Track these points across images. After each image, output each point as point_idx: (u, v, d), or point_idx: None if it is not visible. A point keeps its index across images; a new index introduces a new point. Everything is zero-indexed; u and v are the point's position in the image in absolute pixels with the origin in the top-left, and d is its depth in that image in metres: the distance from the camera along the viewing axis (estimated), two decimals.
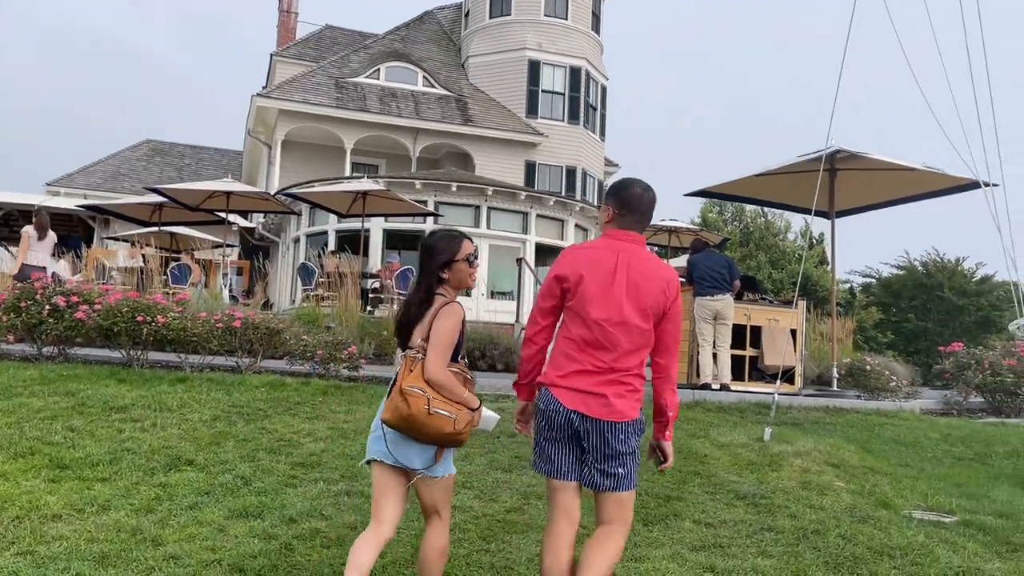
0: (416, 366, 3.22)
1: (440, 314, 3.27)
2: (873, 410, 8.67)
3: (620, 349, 3.20)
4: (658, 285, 3.25)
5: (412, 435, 3.19)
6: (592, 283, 3.21)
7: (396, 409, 3.16)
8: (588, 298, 3.21)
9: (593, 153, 27.31)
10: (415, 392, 3.15)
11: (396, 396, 3.17)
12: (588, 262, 3.26)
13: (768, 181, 9.86)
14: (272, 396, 7.34)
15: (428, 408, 3.13)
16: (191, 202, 16.82)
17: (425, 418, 3.13)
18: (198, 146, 37.65)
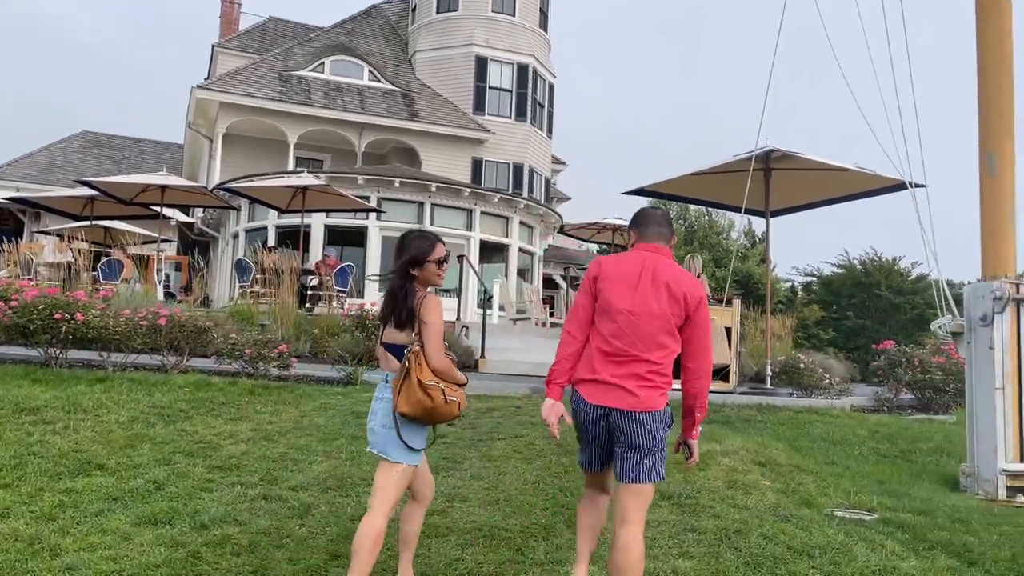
0: (422, 360, 3.47)
1: (426, 309, 3.53)
2: (805, 408, 8.76)
3: (645, 339, 3.43)
4: (681, 290, 3.48)
5: (429, 422, 3.56)
6: (620, 281, 3.52)
7: (419, 403, 3.44)
8: (615, 292, 3.49)
9: (540, 150, 27.30)
10: (432, 385, 3.45)
11: (417, 390, 3.43)
12: (617, 263, 3.60)
13: (705, 180, 9.92)
14: (196, 396, 7.11)
15: (445, 398, 3.47)
16: (125, 196, 16.34)
17: (444, 407, 3.48)
18: (138, 138, 36.64)
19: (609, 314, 3.48)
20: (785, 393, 9.91)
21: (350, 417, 6.73)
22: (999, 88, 5.94)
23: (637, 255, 3.61)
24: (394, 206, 18.70)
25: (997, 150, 6.04)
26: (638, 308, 3.46)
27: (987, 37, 6.07)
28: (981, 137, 6.09)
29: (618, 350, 3.43)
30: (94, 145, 35.22)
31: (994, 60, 5.95)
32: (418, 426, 3.56)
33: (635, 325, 3.44)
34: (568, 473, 5.63)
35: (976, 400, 5.99)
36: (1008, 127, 6.02)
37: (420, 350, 3.49)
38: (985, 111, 6.02)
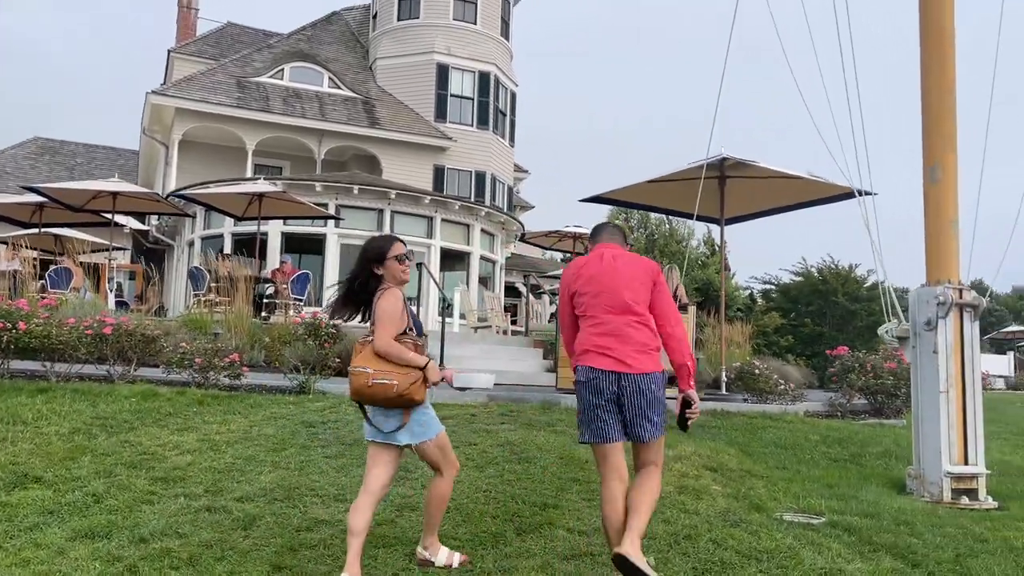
0: (365, 348, 3.84)
1: (380, 297, 3.88)
2: (759, 413, 8.83)
3: (623, 300, 3.93)
4: (641, 266, 4.07)
5: (367, 403, 3.86)
6: (587, 269, 4.06)
7: (351, 385, 3.82)
8: (591, 280, 4.01)
9: (503, 158, 27.31)
10: (357, 371, 3.79)
11: (350, 374, 3.82)
12: (583, 263, 4.13)
13: (661, 187, 9.98)
14: (142, 407, 6.95)
15: (368, 381, 3.74)
16: (75, 202, 16.00)
17: (367, 389, 3.76)
18: (91, 145, 35.92)
19: (591, 298, 4.00)
20: (740, 399, 9.99)
21: (300, 427, 6.62)
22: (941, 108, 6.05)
23: (598, 251, 4.18)
24: (353, 213, 18.54)
25: (940, 161, 6.15)
26: (614, 280, 3.98)
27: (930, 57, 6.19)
28: (925, 152, 6.20)
29: (608, 323, 3.92)
30: (46, 151, 34.45)
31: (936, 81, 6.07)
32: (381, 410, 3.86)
33: (615, 294, 3.94)
34: (521, 480, 5.60)
35: (921, 403, 6.07)
36: (951, 142, 6.13)
37: (370, 340, 3.83)
38: (928, 128, 6.13)
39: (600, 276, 4.01)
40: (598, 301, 3.98)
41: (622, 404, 3.85)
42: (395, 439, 3.91)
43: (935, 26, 6.09)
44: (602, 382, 3.84)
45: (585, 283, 4.03)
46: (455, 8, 26.76)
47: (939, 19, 6.06)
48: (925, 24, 6.16)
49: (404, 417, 3.86)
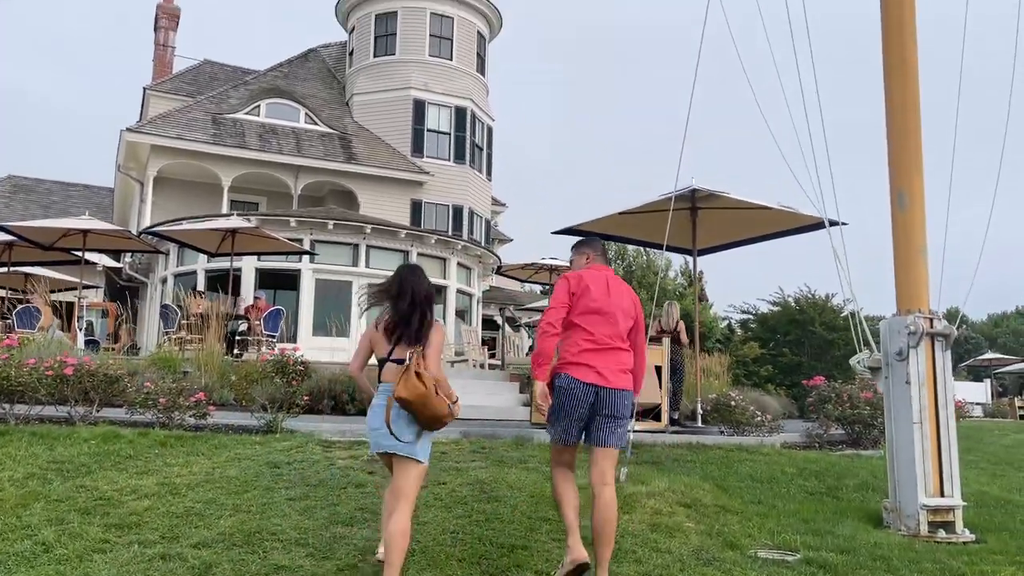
0: (421, 361, 4.14)
1: (436, 329, 4.33)
2: (735, 446, 8.74)
3: (618, 330, 4.50)
4: (631, 299, 4.69)
5: (421, 411, 4.08)
6: (594, 288, 4.54)
7: (415, 387, 4.03)
8: (593, 296, 4.50)
9: (480, 192, 27.35)
10: (428, 375, 4.09)
11: (413, 378, 4.04)
12: (588, 277, 4.60)
13: (633, 218, 9.95)
14: (101, 450, 6.74)
15: (436, 391, 4.09)
16: (45, 240, 15.77)
17: (433, 398, 4.06)
18: (66, 183, 35.61)
19: (589, 312, 4.49)
20: (716, 431, 9.88)
21: (265, 468, 6.44)
22: (905, 129, 6.07)
23: (600, 271, 4.71)
24: (329, 248, 18.42)
25: (907, 187, 6.15)
26: (613, 306, 4.53)
27: (892, 77, 6.22)
28: (891, 175, 6.20)
29: (600, 344, 4.43)
30: (19, 190, 34.11)
31: (899, 101, 6.09)
32: (407, 419, 4.13)
33: (611, 317, 4.49)
34: (490, 521, 5.45)
35: (895, 435, 6.00)
36: (917, 164, 6.14)
37: (422, 355, 4.19)
38: (893, 151, 6.14)
39: (603, 300, 4.53)
40: (596, 321, 4.48)
41: (594, 413, 4.39)
42: (410, 450, 4.19)
43: (896, 44, 6.12)
44: (580, 392, 4.34)
45: (590, 300, 4.51)
46: (431, 45, 26.95)
47: (900, 37, 6.10)
48: (887, 42, 6.19)
49: (421, 435, 4.23)
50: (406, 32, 26.91)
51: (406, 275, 4.47)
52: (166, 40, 32.19)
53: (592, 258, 4.80)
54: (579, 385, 4.34)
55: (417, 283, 4.41)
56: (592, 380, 4.34)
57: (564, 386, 4.38)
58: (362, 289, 17.12)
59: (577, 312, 4.49)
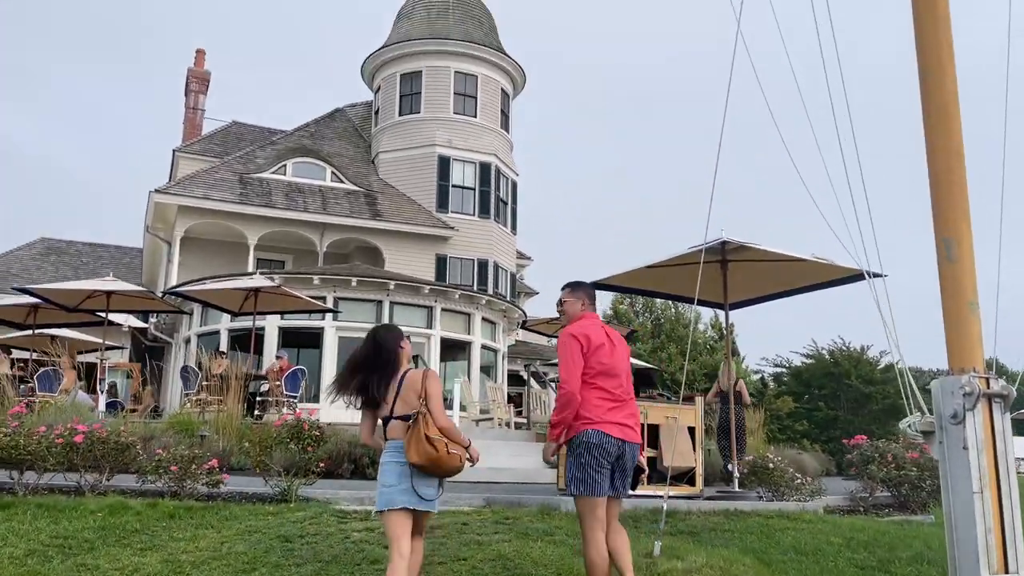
0: (429, 420, 4.25)
1: (429, 379, 4.42)
2: (775, 512, 8.22)
3: (625, 385, 4.76)
4: (626, 349, 4.92)
5: (435, 471, 4.27)
6: (599, 344, 4.70)
7: (426, 453, 4.19)
8: (602, 353, 4.68)
9: (505, 246, 27.23)
10: (438, 439, 4.22)
11: (424, 443, 4.20)
12: (592, 333, 4.73)
13: (661, 272, 9.63)
14: (107, 523, 6.44)
15: (448, 449, 4.24)
16: (69, 303, 15.75)
17: (447, 457, 4.23)
18: (97, 244, 36.07)
19: (600, 371, 4.65)
20: (754, 496, 9.34)
21: (275, 542, 6.08)
22: (949, 174, 5.72)
23: (597, 323, 4.87)
24: (352, 305, 18.25)
25: (955, 236, 5.77)
26: (618, 364, 4.76)
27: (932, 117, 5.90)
28: (936, 223, 5.83)
29: (616, 398, 4.66)
30: (51, 252, 34.58)
31: (942, 143, 5.76)
32: (426, 477, 4.27)
33: (618, 375, 4.73)
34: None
35: (954, 506, 5.51)
36: (964, 210, 5.77)
37: (427, 413, 4.28)
38: (937, 195, 5.79)
39: (611, 357, 4.73)
40: (610, 378, 4.69)
41: (617, 466, 4.64)
42: (432, 506, 4.37)
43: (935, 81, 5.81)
44: (612, 448, 4.57)
45: (601, 358, 4.68)
46: (455, 102, 27.18)
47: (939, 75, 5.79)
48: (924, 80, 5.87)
49: (441, 486, 4.40)
50: (431, 91, 27.19)
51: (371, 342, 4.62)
52: (196, 103, 32.82)
53: (586, 304, 4.92)
54: (611, 441, 4.58)
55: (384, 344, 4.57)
56: (619, 435, 4.62)
57: (597, 443, 4.58)
58: None
59: (591, 373, 4.66)
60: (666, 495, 7.32)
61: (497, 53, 28.05)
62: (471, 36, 27.94)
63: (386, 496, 4.30)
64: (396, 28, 29.13)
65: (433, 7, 28.85)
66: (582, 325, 4.77)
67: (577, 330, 4.74)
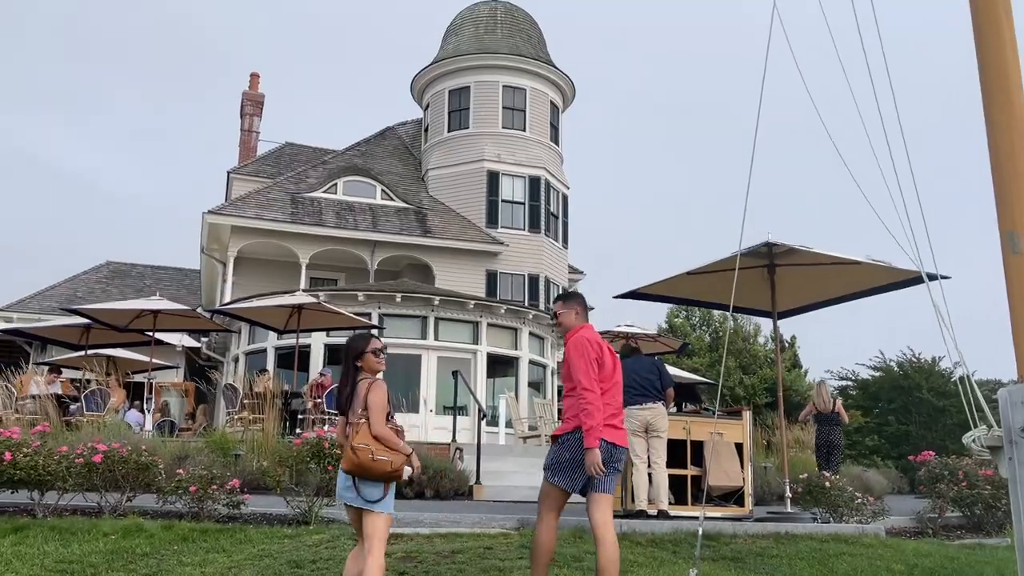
0: (361, 429, 4.54)
1: (372, 389, 4.63)
2: (831, 535, 7.59)
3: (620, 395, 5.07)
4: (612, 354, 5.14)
5: (364, 476, 4.53)
6: (605, 356, 4.98)
7: (350, 459, 4.52)
8: (607, 365, 4.96)
9: (556, 261, 26.83)
10: (361, 447, 4.49)
11: (348, 451, 4.53)
12: (598, 343, 5.00)
13: (703, 279, 9.07)
14: (118, 547, 6.21)
15: (372, 456, 4.48)
16: (118, 322, 15.90)
17: (370, 463, 4.48)
18: (158, 266, 36.88)
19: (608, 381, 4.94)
20: (809, 517, 8.68)
21: (285, 567, 5.77)
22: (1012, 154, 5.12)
23: (594, 334, 5.10)
24: (396, 322, 18.07)
25: (1021, 228, 5.16)
26: (616, 376, 5.05)
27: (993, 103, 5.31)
28: (999, 214, 5.23)
29: (616, 406, 4.99)
30: (116, 275, 35.48)
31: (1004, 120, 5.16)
32: (368, 482, 4.54)
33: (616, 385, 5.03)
34: None
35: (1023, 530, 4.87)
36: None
37: (364, 422, 4.56)
38: (999, 181, 5.19)
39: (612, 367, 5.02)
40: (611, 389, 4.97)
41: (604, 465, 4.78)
42: (376, 507, 4.58)
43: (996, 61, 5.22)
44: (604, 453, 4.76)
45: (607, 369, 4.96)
46: (504, 117, 26.98)
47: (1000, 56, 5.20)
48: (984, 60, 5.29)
49: (385, 488, 4.59)
50: (479, 106, 27.06)
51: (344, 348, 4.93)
52: (251, 126, 33.32)
53: (579, 314, 5.17)
54: (606, 446, 4.82)
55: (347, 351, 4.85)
56: (613, 440, 4.89)
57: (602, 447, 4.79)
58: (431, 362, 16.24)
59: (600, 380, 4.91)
60: (702, 516, 6.79)
61: (545, 65, 27.78)
62: (519, 49, 27.75)
63: (337, 492, 4.77)
64: (444, 45, 29.15)
65: (481, 22, 28.78)
66: (591, 339, 5.00)
67: (591, 336, 5.01)
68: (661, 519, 7.72)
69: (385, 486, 4.60)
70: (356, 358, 4.75)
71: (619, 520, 7.38)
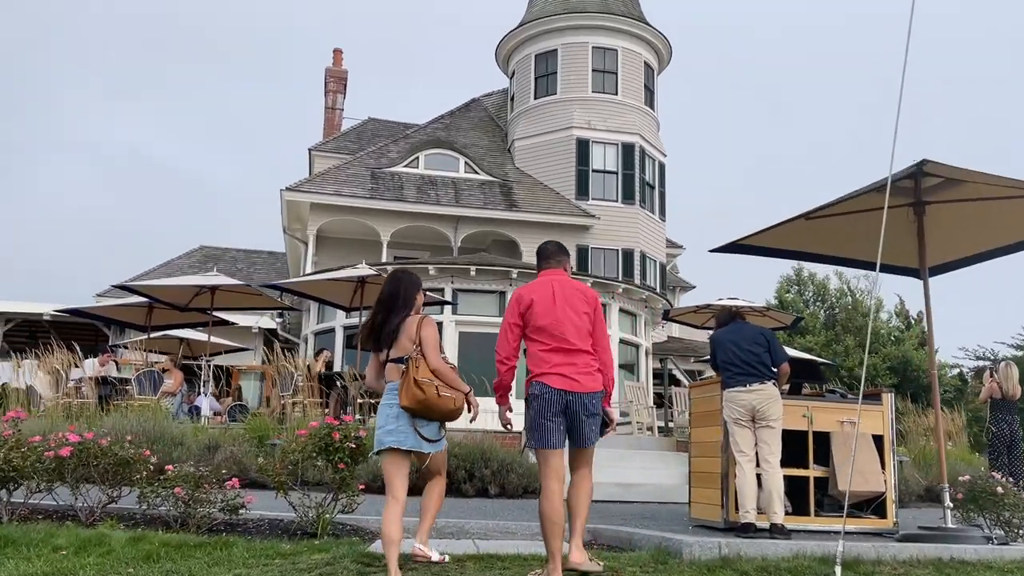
0: (421, 364, 4.48)
1: (424, 324, 4.67)
2: (1013, 564, 5.53)
3: (570, 337, 4.75)
4: (580, 296, 4.92)
5: (425, 414, 4.45)
6: (540, 303, 4.81)
7: (414, 395, 4.41)
8: (540, 312, 4.79)
9: (652, 234, 24.83)
10: (426, 381, 4.44)
11: (412, 386, 4.41)
12: (534, 291, 4.87)
13: (826, 227, 7.02)
14: (60, 568, 4.84)
15: (438, 392, 4.45)
16: (177, 301, 15.01)
17: (436, 400, 4.43)
18: (251, 250, 36.76)
19: (540, 328, 4.75)
20: (979, 535, 6.51)
21: None
22: None
23: (545, 280, 4.97)
24: (470, 297, 16.56)
25: None
26: (560, 317, 4.77)
27: None
28: None
29: (562, 350, 4.70)
30: (209, 259, 35.47)
31: None
32: (424, 420, 4.46)
33: (561, 328, 4.74)
34: None
35: None
36: None
37: (419, 357, 4.51)
38: None
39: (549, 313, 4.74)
40: (549, 334, 4.72)
41: (570, 416, 4.64)
42: (437, 447, 4.50)
43: None
44: (554, 397, 4.60)
45: (536, 317, 4.75)
46: (594, 80, 25.16)
47: None
48: None
49: (442, 428, 4.55)
50: (567, 69, 25.34)
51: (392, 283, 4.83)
52: (335, 103, 32.57)
53: (542, 269, 5.03)
54: (552, 392, 4.59)
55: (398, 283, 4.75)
56: (561, 386, 4.61)
57: (538, 394, 4.63)
58: None
59: (533, 328, 4.74)
60: (843, 532, 4.91)
61: (638, 23, 25.71)
62: (609, 7, 25.78)
63: (377, 438, 4.49)
64: (530, 7, 27.50)
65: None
66: (528, 286, 4.89)
67: (519, 291, 4.89)
68: (775, 536, 5.84)
69: (441, 427, 4.52)
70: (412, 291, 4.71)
71: (719, 538, 5.55)
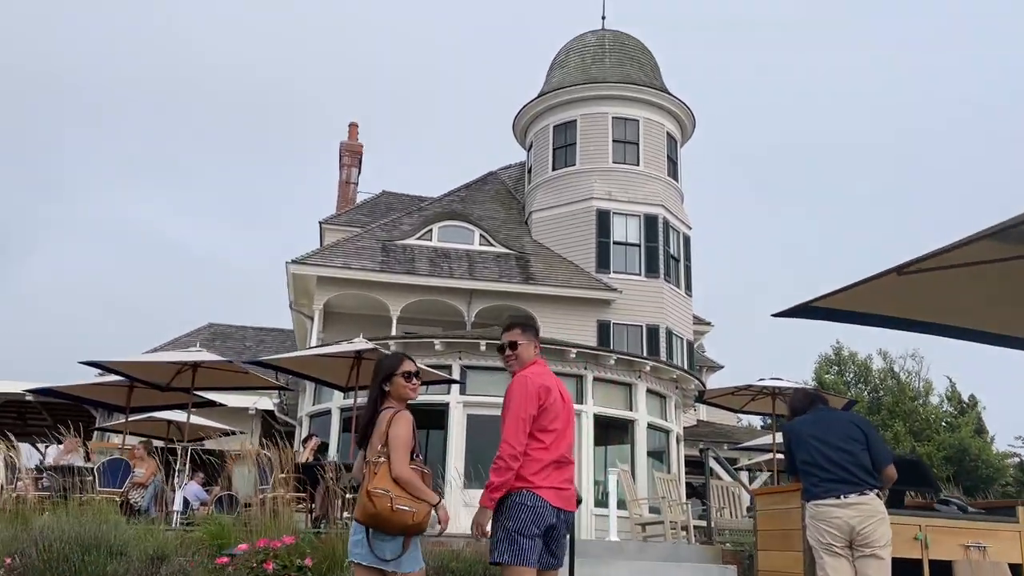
0: (380, 469, 4.02)
1: (394, 421, 4.14)
2: None
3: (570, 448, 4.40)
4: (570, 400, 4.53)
5: (380, 528, 4.00)
6: (555, 398, 4.33)
7: (363, 508, 4.00)
8: (557, 408, 4.31)
9: (678, 309, 23.34)
10: (379, 493, 3.96)
11: (363, 497, 3.99)
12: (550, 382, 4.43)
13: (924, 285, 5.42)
14: None
15: (391, 506, 3.95)
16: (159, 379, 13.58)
17: (389, 514, 3.95)
18: (260, 327, 35.64)
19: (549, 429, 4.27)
20: None
21: None
22: None
23: (547, 372, 4.53)
24: (480, 376, 15.02)
25: None
26: (568, 419, 4.40)
27: None
28: None
29: (560, 460, 4.30)
30: (218, 337, 34.33)
31: None
32: (384, 536, 3.98)
33: (567, 436, 4.36)
34: None
35: None
36: None
37: (384, 461, 4.02)
38: None
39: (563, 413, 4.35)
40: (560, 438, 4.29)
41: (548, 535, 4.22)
42: (397, 566, 4.02)
43: None
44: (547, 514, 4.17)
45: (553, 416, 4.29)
46: (614, 151, 24.22)
47: None
48: None
49: (406, 544, 4.04)
50: (586, 140, 24.46)
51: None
52: (349, 177, 31.82)
53: (538, 348, 4.59)
54: (547, 507, 4.21)
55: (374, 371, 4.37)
56: (557, 503, 4.28)
57: (531, 506, 4.19)
58: None
59: (539, 427, 4.27)
60: None
61: (659, 93, 24.87)
62: (629, 77, 25.02)
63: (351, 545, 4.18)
64: (548, 79, 26.85)
65: (587, 52, 26.40)
66: (540, 374, 4.40)
67: (538, 379, 4.36)
68: None
69: (405, 540, 4.08)
70: (384, 380, 4.29)
71: None
